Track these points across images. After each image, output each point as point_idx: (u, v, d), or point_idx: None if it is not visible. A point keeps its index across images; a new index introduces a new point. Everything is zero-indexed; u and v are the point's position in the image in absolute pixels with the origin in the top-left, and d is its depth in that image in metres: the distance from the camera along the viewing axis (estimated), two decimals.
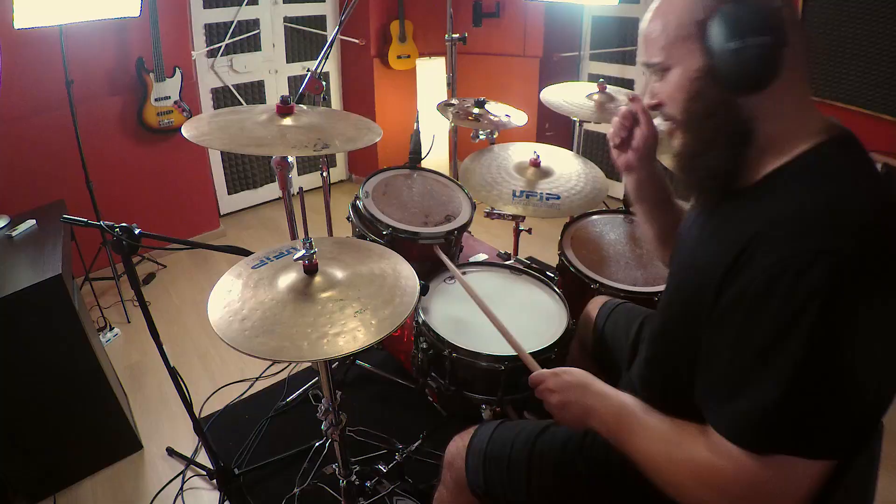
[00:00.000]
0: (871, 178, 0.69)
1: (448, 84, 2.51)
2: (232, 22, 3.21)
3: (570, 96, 2.06)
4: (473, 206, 1.79)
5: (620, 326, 1.25)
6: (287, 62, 3.56)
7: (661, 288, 1.28)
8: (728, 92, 0.71)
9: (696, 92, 0.74)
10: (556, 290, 1.52)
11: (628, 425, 0.80)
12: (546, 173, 1.76)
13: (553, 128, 3.67)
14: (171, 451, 1.84)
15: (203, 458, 1.80)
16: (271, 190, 3.75)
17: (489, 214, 1.81)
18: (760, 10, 0.67)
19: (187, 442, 1.89)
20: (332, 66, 3.83)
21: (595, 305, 1.36)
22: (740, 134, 0.74)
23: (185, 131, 1.33)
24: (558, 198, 1.66)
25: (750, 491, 0.65)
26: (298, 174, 3.90)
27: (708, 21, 0.70)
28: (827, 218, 0.63)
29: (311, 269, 1.05)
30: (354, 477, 1.39)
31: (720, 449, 0.67)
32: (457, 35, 2.38)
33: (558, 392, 0.91)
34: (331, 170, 4.06)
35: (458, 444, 1.10)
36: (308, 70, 1.70)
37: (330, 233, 2.24)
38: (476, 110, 2.11)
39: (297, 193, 1.83)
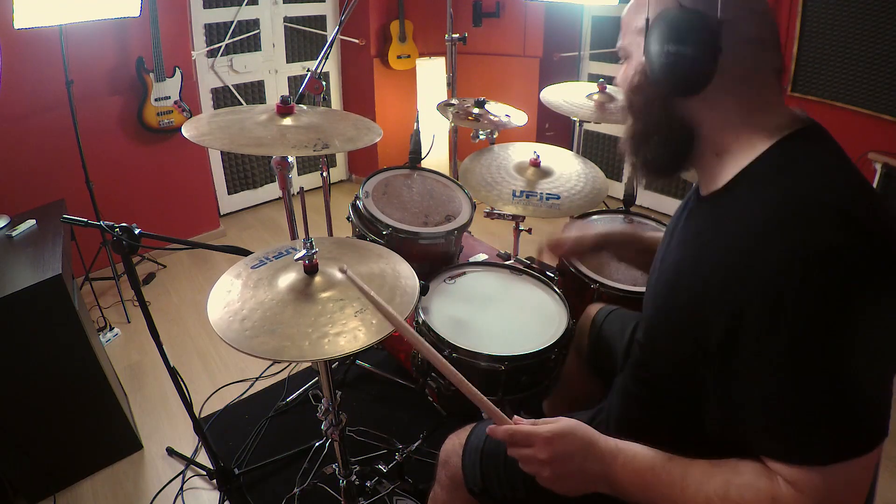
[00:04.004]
0: (839, 167, 0.68)
1: (448, 84, 2.51)
2: (232, 22, 3.21)
3: (570, 96, 2.06)
4: (473, 206, 1.79)
5: (615, 331, 1.25)
6: (287, 62, 3.56)
7: None
8: (662, 91, 0.74)
9: (636, 85, 0.78)
10: (557, 290, 1.52)
11: (661, 482, 0.72)
12: (546, 173, 1.76)
13: (553, 128, 3.68)
14: (171, 451, 1.84)
15: (203, 458, 1.80)
16: (271, 190, 3.75)
17: (489, 214, 1.81)
18: (693, 22, 0.68)
19: (187, 442, 1.89)
20: (332, 66, 3.83)
21: (591, 311, 1.36)
22: (676, 133, 0.76)
23: (185, 131, 1.33)
24: (558, 198, 1.66)
25: None
26: (298, 174, 3.90)
27: (651, 22, 0.72)
28: (806, 216, 0.62)
29: (311, 269, 1.05)
30: (354, 477, 1.39)
31: (780, 475, 0.64)
32: (457, 35, 2.38)
33: (552, 464, 0.76)
34: (331, 170, 4.07)
35: (454, 442, 1.09)
36: (308, 70, 1.70)
37: (330, 233, 2.24)
38: (476, 110, 2.11)
39: (297, 193, 1.83)
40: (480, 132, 2.08)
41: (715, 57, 0.68)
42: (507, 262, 1.69)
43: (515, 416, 0.81)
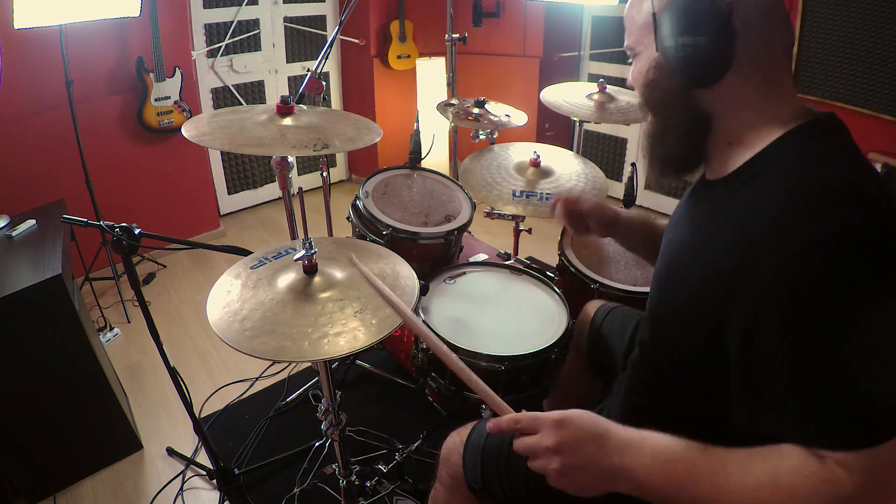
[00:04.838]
0: (853, 157, 0.68)
1: (448, 84, 2.51)
2: (232, 22, 3.21)
3: (570, 96, 2.06)
4: (473, 206, 1.79)
5: (616, 329, 1.24)
6: (287, 62, 3.56)
7: None
8: (680, 84, 0.73)
9: (652, 80, 0.76)
10: (556, 290, 1.52)
11: (700, 475, 0.64)
12: (546, 173, 1.76)
13: (553, 128, 3.68)
14: (171, 451, 1.84)
15: (203, 458, 1.80)
16: (271, 190, 3.75)
17: (489, 214, 1.81)
18: (704, 10, 0.67)
19: (187, 442, 1.89)
20: (332, 66, 3.83)
21: (591, 309, 1.35)
22: (695, 125, 0.76)
23: (185, 131, 1.33)
24: None
25: (867, 492, 0.58)
26: (298, 174, 3.90)
27: (660, 14, 0.71)
28: (822, 200, 0.61)
29: (310, 270, 1.05)
30: (354, 477, 1.39)
31: (826, 460, 0.59)
32: (457, 35, 2.38)
33: (563, 453, 0.68)
34: (331, 170, 4.06)
35: (455, 440, 1.08)
36: (308, 70, 1.70)
37: (330, 233, 2.24)
38: (476, 110, 2.11)
39: (297, 193, 1.83)
40: (480, 132, 2.08)
41: (731, 41, 0.67)
42: (507, 262, 1.69)
43: (523, 410, 0.74)
